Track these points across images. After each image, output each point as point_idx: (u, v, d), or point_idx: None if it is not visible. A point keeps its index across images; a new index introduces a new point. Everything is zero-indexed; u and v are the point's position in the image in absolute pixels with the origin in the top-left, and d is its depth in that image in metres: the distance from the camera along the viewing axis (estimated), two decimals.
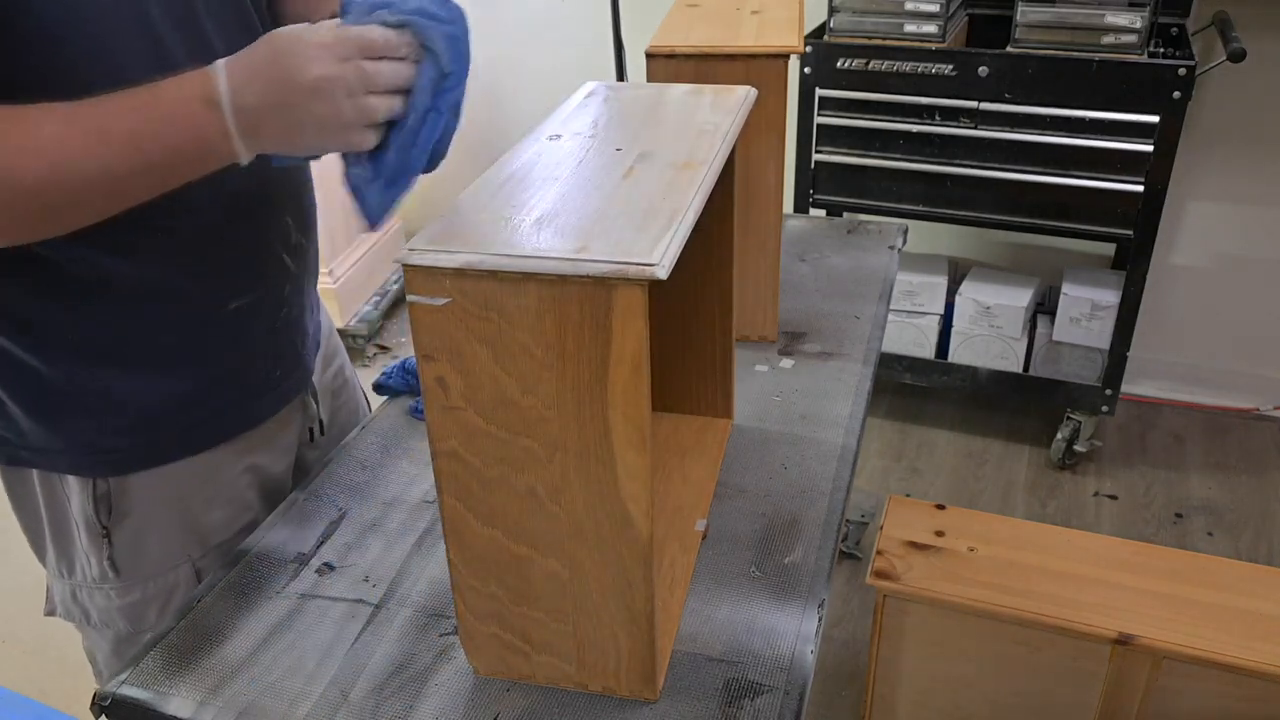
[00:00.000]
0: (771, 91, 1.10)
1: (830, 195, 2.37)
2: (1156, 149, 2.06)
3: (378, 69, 0.69)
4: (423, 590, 0.90)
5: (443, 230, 0.67)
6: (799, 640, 0.83)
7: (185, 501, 0.96)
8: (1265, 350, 2.65)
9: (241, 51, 0.71)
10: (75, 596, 1.00)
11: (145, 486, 0.94)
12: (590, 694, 0.79)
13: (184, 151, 0.72)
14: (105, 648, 1.02)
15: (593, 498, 0.70)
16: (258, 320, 0.97)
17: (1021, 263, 2.69)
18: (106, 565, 0.95)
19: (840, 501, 1.00)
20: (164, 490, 0.95)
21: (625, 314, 0.64)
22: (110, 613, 0.98)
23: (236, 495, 1.00)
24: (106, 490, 0.92)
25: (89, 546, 0.95)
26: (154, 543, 0.96)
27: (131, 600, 0.97)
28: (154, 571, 0.97)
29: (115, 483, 0.92)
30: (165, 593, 0.98)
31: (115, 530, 0.94)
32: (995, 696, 1.56)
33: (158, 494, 0.94)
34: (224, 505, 0.99)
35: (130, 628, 0.99)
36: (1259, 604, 1.46)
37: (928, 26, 2.16)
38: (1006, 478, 2.49)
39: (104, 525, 0.93)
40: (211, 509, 0.98)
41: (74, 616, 1.01)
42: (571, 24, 2.88)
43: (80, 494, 0.92)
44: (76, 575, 0.98)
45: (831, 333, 1.29)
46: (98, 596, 0.98)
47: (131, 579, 0.96)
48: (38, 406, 0.89)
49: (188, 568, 0.98)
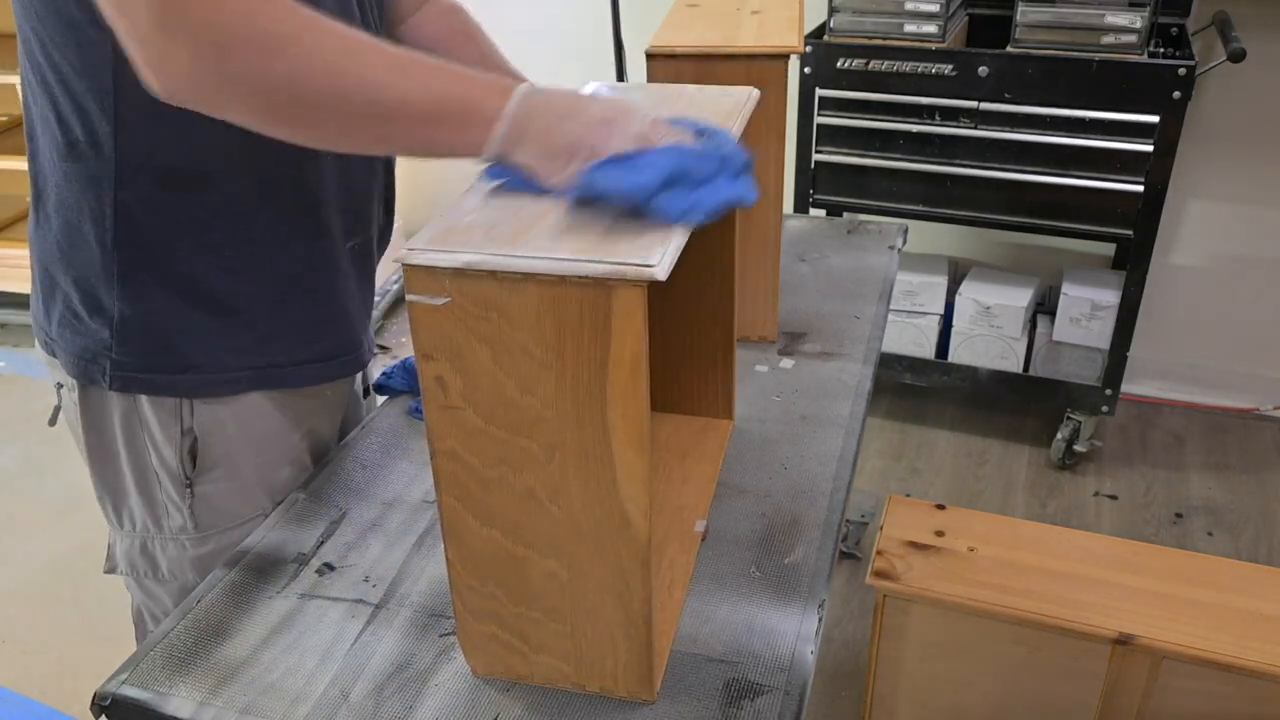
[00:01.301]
0: (772, 92, 1.10)
1: (830, 195, 2.37)
2: (1156, 149, 2.06)
3: (659, 132, 0.72)
4: (423, 590, 0.90)
5: (442, 230, 0.67)
6: (799, 640, 0.83)
7: (262, 456, 1.01)
8: (1265, 350, 2.65)
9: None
10: (145, 548, 1.03)
11: (230, 439, 0.98)
12: (591, 695, 0.79)
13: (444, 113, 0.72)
14: (166, 602, 1.06)
15: (591, 498, 0.70)
16: (362, 264, 1.05)
17: (1021, 263, 2.69)
18: (188, 515, 0.99)
19: (840, 501, 1.00)
20: (246, 444, 0.99)
21: (624, 315, 0.64)
22: (182, 563, 1.02)
23: (298, 456, 1.05)
24: (193, 440, 0.96)
25: (171, 496, 0.99)
26: (233, 494, 1.00)
27: (205, 551, 1.01)
28: (230, 523, 1.01)
29: (203, 433, 0.96)
30: (237, 544, 1.00)
31: (198, 480, 0.98)
32: (995, 696, 1.56)
33: (240, 447, 0.99)
34: (290, 463, 1.04)
35: (198, 579, 1.01)
36: (1259, 604, 1.46)
37: (928, 26, 2.16)
38: (1006, 478, 2.49)
39: (188, 476, 0.97)
40: (281, 466, 1.03)
41: (139, 570, 1.04)
42: (571, 24, 2.88)
43: (168, 443, 0.96)
44: (153, 526, 1.01)
45: (831, 333, 1.29)
46: (171, 548, 1.01)
47: (209, 530, 1.00)
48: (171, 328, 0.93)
49: (260, 520, 1.01)
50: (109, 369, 0.93)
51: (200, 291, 0.92)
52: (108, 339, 0.92)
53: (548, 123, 0.72)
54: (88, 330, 0.93)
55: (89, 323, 0.93)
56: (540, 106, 0.72)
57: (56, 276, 0.93)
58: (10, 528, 2.35)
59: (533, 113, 0.72)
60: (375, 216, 1.07)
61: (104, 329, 0.92)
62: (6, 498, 2.45)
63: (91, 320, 0.92)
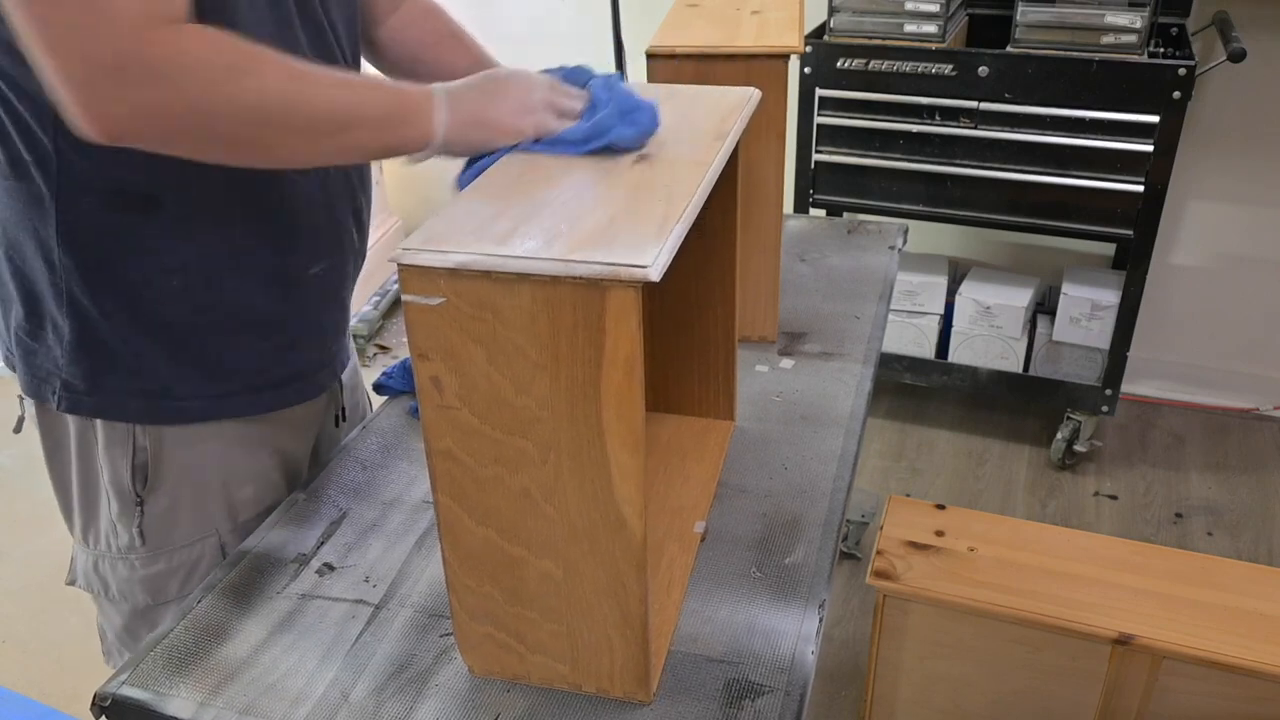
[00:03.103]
0: (771, 92, 1.10)
1: (830, 195, 2.37)
2: (1156, 149, 2.06)
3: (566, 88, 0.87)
4: (423, 591, 0.90)
5: (438, 230, 0.67)
6: (799, 640, 0.83)
7: (220, 475, 0.99)
8: (1265, 350, 2.65)
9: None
10: (97, 567, 1.02)
11: (184, 457, 0.96)
12: (591, 695, 0.79)
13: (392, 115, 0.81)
14: (118, 622, 1.04)
15: (586, 499, 0.70)
16: (328, 290, 1.02)
17: (1021, 263, 2.69)
18: (135, 534, 0.97)
19: (840, 501, 1.00)
20: (201, 461, 0.97)
21: (618, 316, 0.64)
22: (131, 584, 1.00)
23: (264, 474, 1.03)
24: (145, 459, 0.94)
25: (119, 515, 0.97)
26: (185, 513, 0.98)
27: (155, 571, 0.99)
28: (182, 542, 0.99)
29: (154, 452, 0.94)
30: (189, 565, 0.99)
31: (149, 498, 0.96)
32: (995, 696, 1.56)
33: (195, 465, 0.97)
34: (253, 482, 1.02)
35: (149, 599, 1.00)
36: (1259, 604, 1.46)
37: (928, 26, 2.16)
38: (1006, 478, 2.49)
39: (138, 494, 0.95)
40: (243, 485, 1.01)
41: (93, 587, 1.03)
42: (571, 24, 2.88)
43: (120, 460, 0.94)
44: (101, 544, 0.99)
45: (832, 333, 1.29)
46: (120, 567, 1.00)
47: (158, 549, 0.98)
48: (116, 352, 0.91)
49: (214, 541, 1.00)
50: (59, 388, 0.92)
51: (149, 316, 0.90)
52: (59, 357, 0.91)
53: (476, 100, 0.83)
54: (41, 348, 0.91)
55: (42, 340, 0.91)
56: (459, 92, 0.83)
57: (9, 292, 0.91)
58: (10, 528, 2.35)
59: (459, 101, 0.83)
60: (345, 239, 1.02)
61: (56, 346, 0.91)
62: (6, 498, 2.45)
63: (44, 338, 0.91)
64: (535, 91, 0.85)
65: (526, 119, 0.83)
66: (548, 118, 0.84)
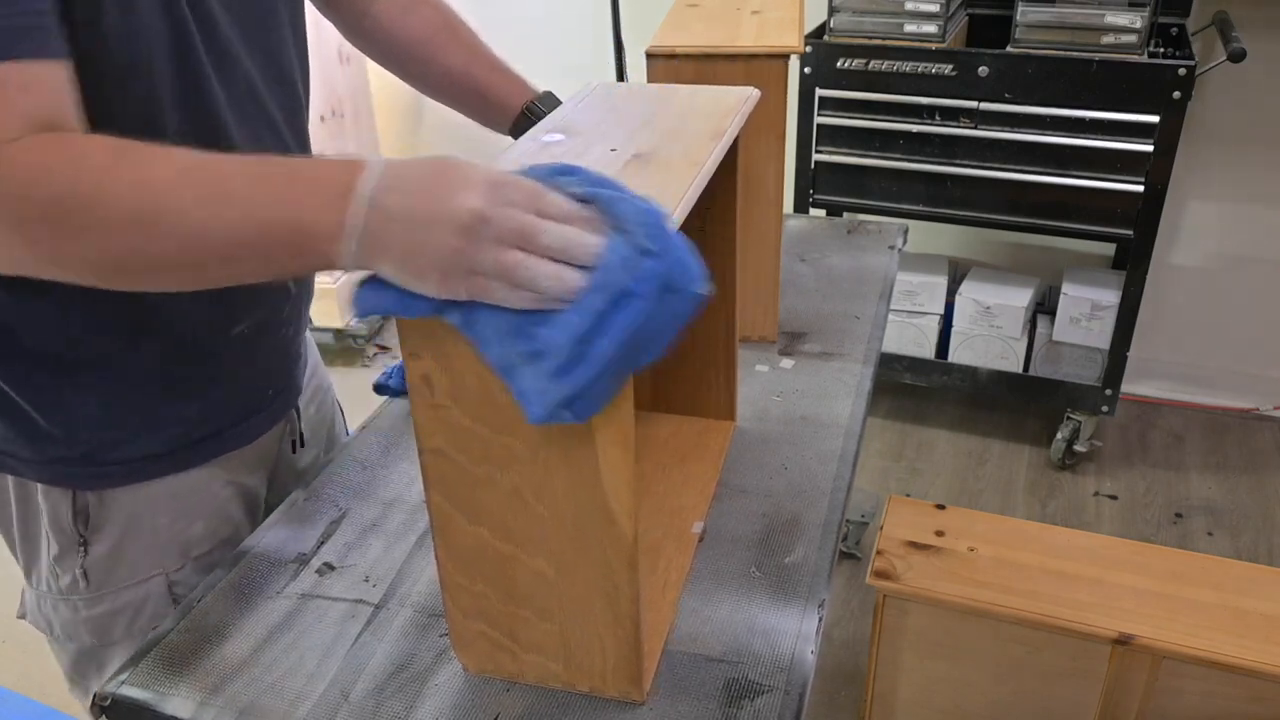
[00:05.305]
0: (771, 91, 1.10)
1: (830, 195, 2.37)
2: (1156, 149, 2.06)
3: (541, 226, 0.59)
4: (423, 590, 0.90)
5: None
6: (799, 640, 0.83)
7: (169, 514, 0.95)
8: (1265, 350, 2.65)
9: (410, 159, 0.63)
10: (40, 607, 0.99)
11: (128, 500, 0.93)
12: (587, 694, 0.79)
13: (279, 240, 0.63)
14: (66, 661, 1.01)
15: (576, 496, 0.70)
16: (260, 343, 0.97)
17: (1021, 263, 2.69)
18: (79, 575, 0.94)
19: (840, 501, 1.00)
20: (148, 503, 0.94)
21: None
22: (75, 625, 0.97)
23: (219, 508, 1.00)
24: (87, 502, 0.91)
25: (60, 556, 0.93)
26: (130, 554, 0.95)
27: (100, 612, 0.96)
28: (126, 582, 0.95)
29: (97, 495, 0.91)
30: (135, 605, 0.96)
31: (92, 541, 0.93)
32: (995, 696, 1.56)
33: (141, 507, 0.94)
34: (206, 518, 0.99)
35: (95, 640, 0.97)
36: (1259, 604, 1.46)
37: (928, 26, 2.16)
38: (1006, 478, 2.49)
39: (81, 535, 0.92)
40: (194, 522, 0.98)
41: (40, 625, 1.00)
42: (571, 24, 2.88)
43: (59, 504, 0.91)
44: (43, 585, 0.97)
45: (831, 333, 1.29)
46: (63, 609, 0.96)
47: (101, 589, 0.95)
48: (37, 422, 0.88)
49: (160, 580, 0.96)
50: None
51: (56, 383, 0.86)
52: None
53: (406, 233, 0.60)
54: None
55: None
56: (394, 208, 0.60)
57: None
58: None
59: (386, 219, 0.60)
60: (278, 291, 0.95)
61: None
62: None
63: None
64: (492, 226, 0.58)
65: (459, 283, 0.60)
66: (496, 287, 0.59)
